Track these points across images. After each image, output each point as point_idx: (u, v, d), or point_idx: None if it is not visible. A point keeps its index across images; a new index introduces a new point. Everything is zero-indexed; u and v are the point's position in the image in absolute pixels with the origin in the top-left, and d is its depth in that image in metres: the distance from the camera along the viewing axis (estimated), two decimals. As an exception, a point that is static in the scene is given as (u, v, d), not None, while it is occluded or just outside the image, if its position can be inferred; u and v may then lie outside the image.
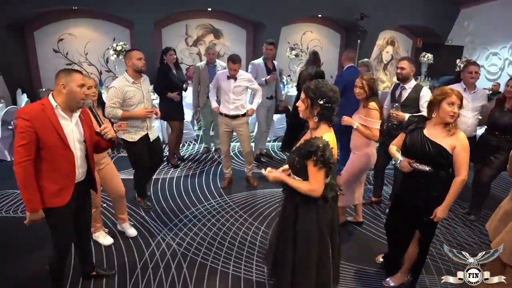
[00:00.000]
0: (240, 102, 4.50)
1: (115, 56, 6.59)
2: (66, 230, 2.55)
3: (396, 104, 3.63)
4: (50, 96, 2.35)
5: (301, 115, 2.32)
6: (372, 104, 3.39)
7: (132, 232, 3.72)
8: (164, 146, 5.88)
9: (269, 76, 5.30)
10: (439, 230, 3.92)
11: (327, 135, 2.18)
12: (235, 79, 4.39)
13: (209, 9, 8.64)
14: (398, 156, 2.75)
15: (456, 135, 2.50)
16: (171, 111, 5.18)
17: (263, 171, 2.45)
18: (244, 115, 4.57)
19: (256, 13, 8.46)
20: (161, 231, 3.80)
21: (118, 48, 6.57)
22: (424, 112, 3.48)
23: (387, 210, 4.29)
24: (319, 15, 9.66)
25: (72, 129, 2.39)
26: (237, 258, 3.42)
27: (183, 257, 3.41)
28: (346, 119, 3.47)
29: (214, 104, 4.73)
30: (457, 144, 2.48)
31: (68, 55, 8.27)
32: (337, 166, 2.32)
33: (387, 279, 3.12)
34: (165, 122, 6.00)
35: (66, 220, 2.52)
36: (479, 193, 4.20)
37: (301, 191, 2.24)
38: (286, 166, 2.51)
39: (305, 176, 2.25)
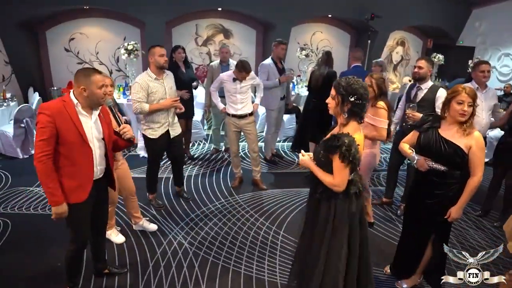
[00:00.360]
0: (247, 100, 4.54)
1: (126, 55, 6.62)
2: (83, 226, 2.57)
3: (413, 104, 3.58)
4: (71, 94, 2.38)
5: (330, 112, 2.32)
6: (381, 103, 3.36)
7: (152, 227, 3.78)
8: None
9: (283, 76, 5.26)
10: (452, 233, 3.87)
11: (356, 133, 2.19)
12: (241, 81, 4.41)
13: (219, 9, 8.65)
14: (413, 155, 2.72)
15: (471, 134, 2.47)
16: None
17: (300, 155, 2.45)
18: (251, 114, 4.59)
19: (266, 13, 8.45)
20: (173, 230, 3.82)
21: (129, 47, 6.59)
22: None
23: (398, 212, 4.27)
24: (329, 15, 9.62)
25: (91, 126, 2.42)
26: (248, 258, 3.42)
27: (195, 256, 3.42)
28: None
29: (221, 106, 4.71)
30: (472, 144, 2.45)
31: (79, 54, 8.33)
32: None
33: (400, 281, 3.10)
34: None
35: (84, 217, 2.54)
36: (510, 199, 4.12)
37: (325, 183, 2.25)
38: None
39: (328, 170, 2.24)
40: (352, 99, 2.17)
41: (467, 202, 2.58)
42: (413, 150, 2.75)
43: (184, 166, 5.39)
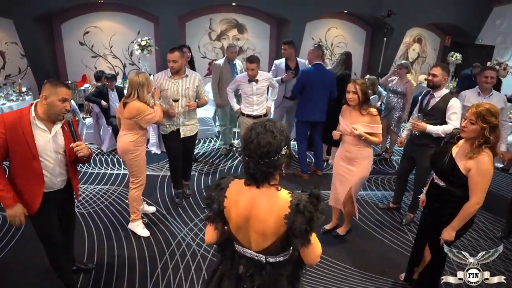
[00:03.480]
0: (263, 101, 4.60)
1: (139, 51, 6.63)
2: (46, 232, 2.62)
3: (419, 114, 3.56)
4: (32, 105, 2.38)
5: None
6: (374, 110, 3.33)
7: (151, 209, 4.17)
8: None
9: (285, 75, 5.21)
10: (461, 242, 3.82)
11: None
12: (257, 81, 4.40)
13: (234, 3, 8.58)
14: None
15: (478, 158, 2.29)
16: None
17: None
18: (266, 115, 4.65)
19: (281, 8, 8.35)
20: (182, 231, 3.84)
21: (143, 43, 6.61)
22: (451, 124, 3.42)
23: (403, 221, 4.20)
24: (345, 11, 9.47)
25: (49, 140, 2.41)
26: (256, 262, 3.42)
27: (203, 258, 3.44)
28: (359, 131, 3.28)
29: (236, 106, 4.76)
30: (472, 167, 2.31)
31: (93, 48, 8.38)
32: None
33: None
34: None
35: (44, 225, 2.58)
36: None
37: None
38: None
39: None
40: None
41: (460, 225, 2.46)
42: None
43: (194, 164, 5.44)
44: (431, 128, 3.46)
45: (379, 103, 6.60)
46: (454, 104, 3.45)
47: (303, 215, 1.49)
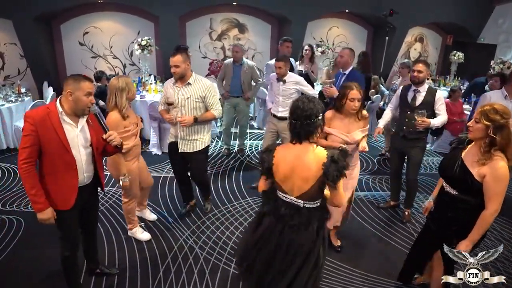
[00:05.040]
0: (288, 106, 4.30)
1: (139, 51, 6.57)
2: (71, 232, 2.62)
3: (422, 111, 3.49)
4: (57, 101, 2.38)
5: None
6: (366, 113, 3.24)
7: (153, 216, 3.99)
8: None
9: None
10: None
11: None
12: (284, 81, 4.23)
13: (234, 3, 8.52)
14: None
15: (492, 163, 2.18)
16: None
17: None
18: None
19: (282, 7, 8.30)
20: (184, 234, 3.77)
21: (143, 43, 6.53)
22: (438, 115, 3.56)
23: (404, 219, 4.17)
24: (346, 11, 9.41)
25: (77, 134, 2.42)
26: (260, 266, 3.36)
27: (206, 261, 3.37)
28: (364, 145, 3.14)
29: (269, 105, 4.56)
30: (487, 173, 2.19)
31: (93, 48, 8.32)
32: None
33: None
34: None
35: (71, 223, 2.59)
36: None
37: None
38: None
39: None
40: None
41: (479, 237, 2.32)
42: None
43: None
44: (434, 122, 3.54)
45: (382, 102, 6.55)
46: (441, 96, 3.66)
47: (336, 163, 2.04)
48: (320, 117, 2.12)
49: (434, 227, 2.63)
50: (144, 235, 3.65)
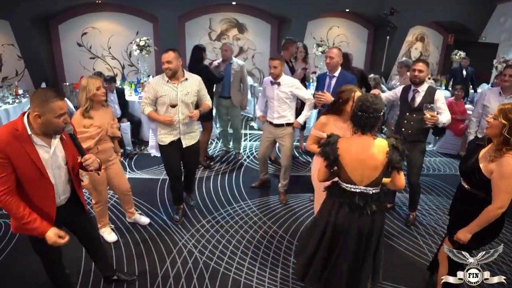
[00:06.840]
0: (284, 111, 4.08)
1: (138, 51, 6.51)
2: (51, 255, 2.42)
3: (431, 105, 3.42)
4: (25, 119, 2.05)
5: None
6: None
7: (144, 220, 3.89)
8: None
9: (295, 74, 5.06)
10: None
11: None
12: (279, 84, 4.00)
13: (234, 3, 8.46)
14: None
15: (500, 160, 2.18)
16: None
17: None
18: (289, 124, 4.15)
19: (281, 7, 8.24)
20: (183, 237, 3.70)
21: (141, 43, 6.48)
22: (441, 113, 3.52)
23: (409, 222, 4.09)
24: (347, 10, 9.35)
25: (51, 156, 2.15)
26: (260, 270, 3.28)
27: (205, 266, 3.30)
28: None
29: (258, 113, 4.47)
30: (495, 169, 2.20)
31: (91, 49, 8.26)
32: None
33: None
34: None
35: (50, 247, 2.24)
36: None
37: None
38: None
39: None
40: None
41: (478, 229, 2.33)
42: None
43: (203, 168, 5.30)
44: (442, 119, 3.50)
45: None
46: (441, 95, 3.63)
47: (397, 150, 2.26)
48: (382, 113, 2.31)
49: (452, 218, 2.68)
50: (111, 237, 3.60)
